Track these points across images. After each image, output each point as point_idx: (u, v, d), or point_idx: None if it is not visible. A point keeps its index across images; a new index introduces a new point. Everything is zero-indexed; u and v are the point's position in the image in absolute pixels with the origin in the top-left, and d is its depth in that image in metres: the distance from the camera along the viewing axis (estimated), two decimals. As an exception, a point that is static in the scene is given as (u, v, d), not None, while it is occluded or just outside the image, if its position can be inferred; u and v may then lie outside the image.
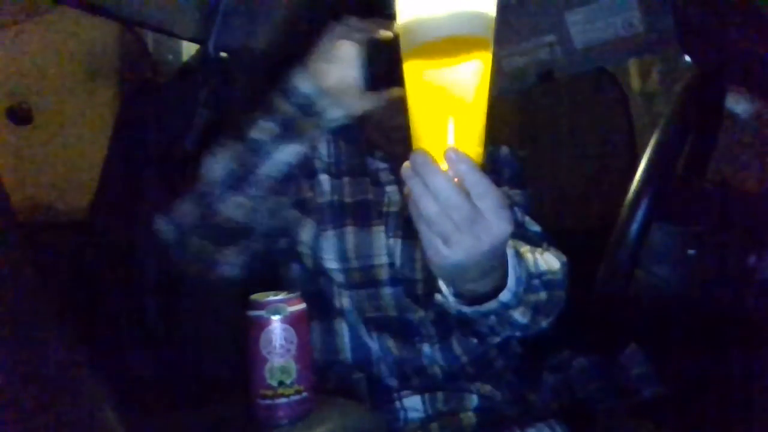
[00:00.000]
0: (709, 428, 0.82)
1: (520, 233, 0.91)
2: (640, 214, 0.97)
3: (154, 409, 0.71)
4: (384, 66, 0.72)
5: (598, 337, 1.03)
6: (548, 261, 0.85)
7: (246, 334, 0.69)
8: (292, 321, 0.69)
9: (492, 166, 1.02)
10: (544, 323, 0.83)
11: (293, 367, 0.69)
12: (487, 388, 0.86)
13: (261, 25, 1.23)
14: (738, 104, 1.01)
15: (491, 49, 0.59)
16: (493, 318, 0.73)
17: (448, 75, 0.56)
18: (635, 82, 2.15)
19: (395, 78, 0.62)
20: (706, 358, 0.90)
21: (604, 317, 1.05)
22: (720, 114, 1.02)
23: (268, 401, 0.68)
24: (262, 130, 0.78)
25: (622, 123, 1.55)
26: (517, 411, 0.85)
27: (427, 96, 0.58)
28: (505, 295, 0.69)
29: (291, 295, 0.71)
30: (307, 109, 0.77)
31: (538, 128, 1.57)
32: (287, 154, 0.78)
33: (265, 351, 0.68)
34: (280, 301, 0.69)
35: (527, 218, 0.97)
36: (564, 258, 0.91)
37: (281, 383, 0.69)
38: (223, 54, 1.23)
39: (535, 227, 0.97)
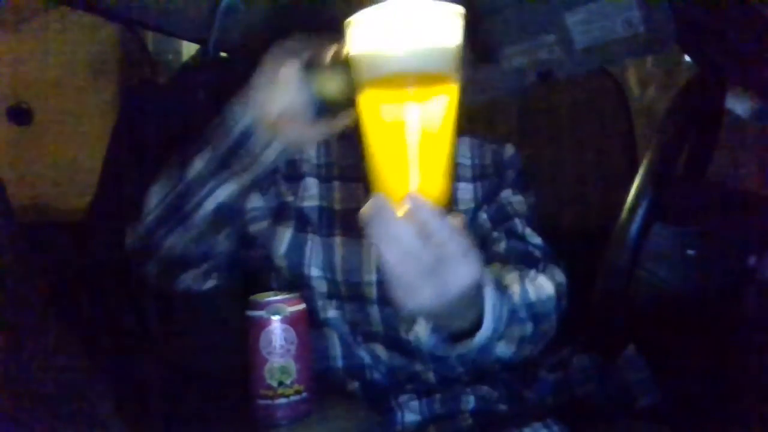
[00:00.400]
0: (709, 429, 0.82)
1: (518, 250, 0.89)
2: (640, 214, 0.97)
3: (154, 410, 0.72)
4: (336, 88, 0.66)
5: (598, 337, 1.03)
6: (540, 288, 0.81)
7: (246, 334, 0.69)
8: (292, 321, 0.69)
9: (495, 168, 0.98)
10: (531, 352, 0.82)
11: (293, 367, 0.69)
12: (484, 388, 0.86)
13: (261, 25, 1.23)
14: (738, 104, 1.01)
15: (458, 85, 0.56)
16: (472, 353, 0.71)
17: (409, 112, 0.53)
18: (634, 83, 2.15)
19: (351, 101, 0.58)
20: (706, 358, 0.90)
21: (603, 317, 1.05)
22: (720, 114, 1.02)
23: (267, 401, 0.69)
24: (197, 165, 0.74)
25: (622, 123, 1.55)
26: (513, 409, 0.85)
27: (385, 133, 0.55)
28: (480, 336, 0.67)
29: (291, 295, 0.71)
30: (245, 145, 0.72)
31: (538, 128, 1.57)
32: (221, 194, 0.74)
33: (265, 351, 0.68)
34: (280, 301, 0.69)
35: (528, 230, 0.92)
36: (562, 277, 0.87)
37: (281, 383, 0.69)
38: (223, 54, 1.23)
39: (536, 239, 0.92)
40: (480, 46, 0.95)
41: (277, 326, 0.68)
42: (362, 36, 0.54)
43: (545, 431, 0.77)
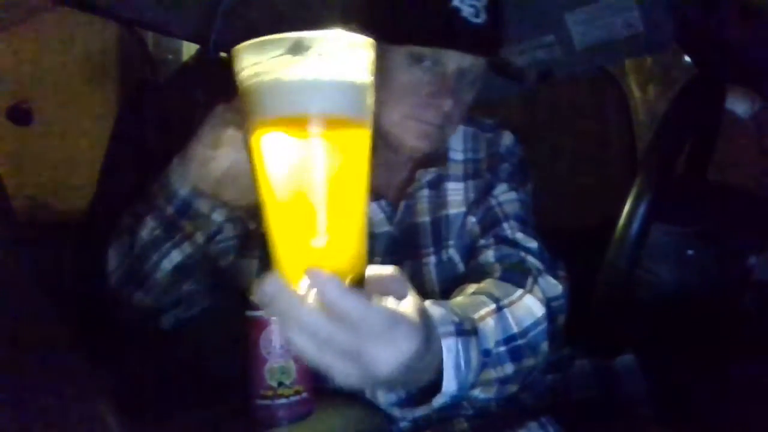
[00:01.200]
0: (708, 429, 0.82)
1: (508, 261, 0.81)
2: (640, 214, 0.97)
3: (154, 410, 0.71)
4: None
5: (599, 337, 1.03)
6: (525, 314, 0.73)
7: (246, 334, 0.69)
8: (292, 321, 0.69)
9: (490, 162, 0.92)
10: (514, 389, 0.73)
11: (293, 367, 0.69)
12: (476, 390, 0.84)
13: (261, 25, 1.23)
14: (738, 104, 1.01)
15: (370, 130, 0.47)
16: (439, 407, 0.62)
17: (310, 162, 0.44)
18: (634, 83, 2.15)
19: None
20: (706, 358, 0.90)
21: (603, 317, 1.05)
22: (720, 114, 1.02)
23: (267, 402, 0.68)
24: (149, 224, 0.74)
25: (622, 123, 1.55)
26: (509, 411, 0.84)
27: (280, 184, 0.45)
28: (442, 397, 0.59)
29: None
30: (189, 210, 0.72)
31: (538, 128, 1.57)
32: (176, 256, 0.74)
33: (265, 351, 0.68)
34: (280, 301, 0.69)
35: (519, 234, 0.85)
36: (557, 288, 0.81)
37: (281, 384, 0.69)
38: (223, 54, 1.23)
39: (531, 243, 0.84)
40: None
41: (277, 326, 0.68)
42: (258, 67, 0.44)
43: (541, 431, 0.77)
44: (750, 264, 0.89)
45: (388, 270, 0.50)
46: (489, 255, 0.83)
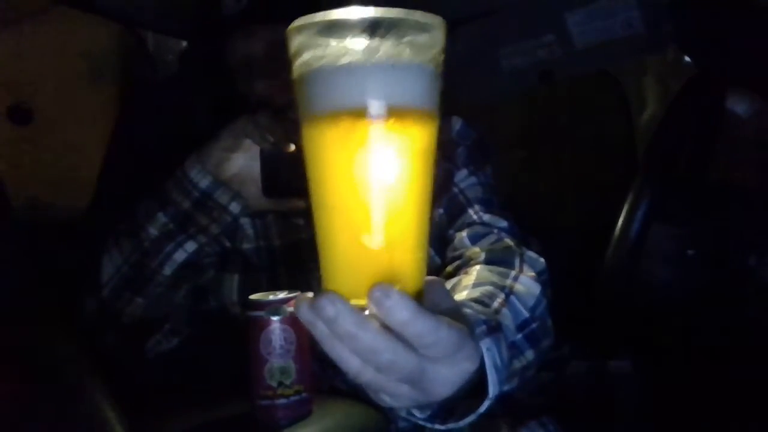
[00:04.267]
0: (709, 428, 0.82)
1: (489, 241, 0.79)
2: (640, 214, 0.97)
3: (154, 410, 0.71)
4: (282, 175, 0.69)
5: (598, 338, 1.03)
6: (527, 292, 0.70)
7: (245, 334, 0.69)
8: (292, 321, 0.69)
9: (444, 149, 0.86)
10: (532, 374, 0.68)
11: (293, 367, 0.69)
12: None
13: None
14: (738, 104, 1.01)
15: (438, 121, 0.41)
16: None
17: (379, 160, 0.38)
18: (635, 84, 2.15)
19: (293, 188, 0.54)
20: (706, 357, 0.90)
21: (603, 317, 1.05)
22: (720, 114, 1.02)
23: (267, 402, 0.68)
24: (160, 220, 0.75)
25: (622, 123, 1.55)
26: (504, 409, 0.84)
27: (342, 192, 0.39)
28: (485, 404, 0.53)
29: (291, 295, 0.71)
30: (204, 204, 0.74)
31: (538, 129, 1.57)
32: (181, 252, 0.75)
33: (265, 352, 0.68)
34: (280, 301, 0.69)
35: (486, 216, 0.82)
36: (541, 262, 0.77)
37: (281, 384, 0.69)
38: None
39: (501, 222, 0.81)
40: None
41: (276, 327, 0.68)
42: (324, 50, 0.38)
43: (541, 430, 0.77)
44: (750, 264, 0.89)
45: (430, 279, 0.46)
46: (463, 239, 0.81)
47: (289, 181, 0.70)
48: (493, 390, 0.52)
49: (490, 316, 0.60)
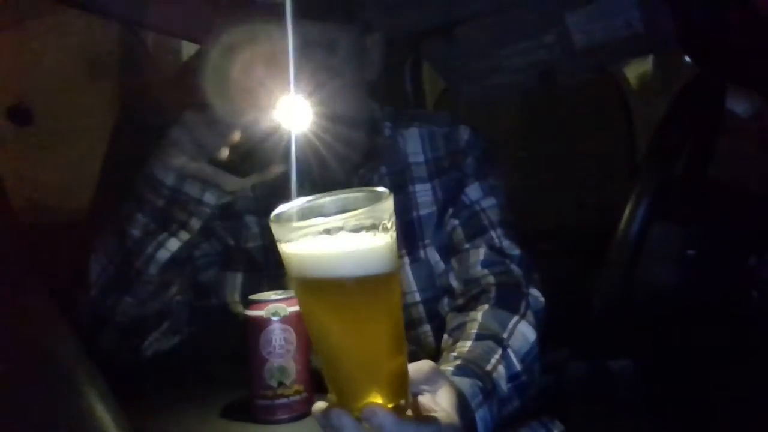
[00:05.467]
0: (711, 426, 0.82)
1: (497, 270, 0.84)
2: (640, 214, 0.97)
3: (154, 410, 0.71)
4: (237, 151, 0.71)
5: (598, 338, 1.03)
6: (523, 341, 0.77)
7: (245, 334, 0.69)
8: (292, 321, 0.69)
9: (452, 159, 0.90)
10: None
11: (292, 367, 0.69)
12: None
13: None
14: (738, 104, 1.01)
15: (399, 276, 0.54)
16: None
17: (350, 318, 0.50)
18: (634, 84, 2.15)
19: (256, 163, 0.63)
20: (706, 357, 0.90)
21: (603, 317, 1.05)
22: (720, 114, 1.02)
23: (267, 401, 0.68)
24: (140, 220, 0.75)
25: (622, 123, 1.55)
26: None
27: (325, 329, 0.51)
28: None
29: (290, 295, 0.71)
30: (177, 200, 0.74)
31: (538, 129, 1.57)
32: (164, 251, 0.75)
33: (265, 351, 0.68)
34: (280, 301, 0.69)
35: (506, 242, 0.86)
36: (540, 301, 0.83)
37: (281, 383, 0.69)
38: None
39: (515, 251, 0.86)
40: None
41: (276, 326, 0.68)
42: (295, 238, 0.49)
43: (542, 430, 0.77)
44: (750, 264, 0.89)
45: (425, 365, 0.57)
46: (477, 262, 0.85)
47: (244, 154, 0.72)
48: None
49: (485, 380, 0.68)
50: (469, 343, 0.74)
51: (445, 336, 0.80)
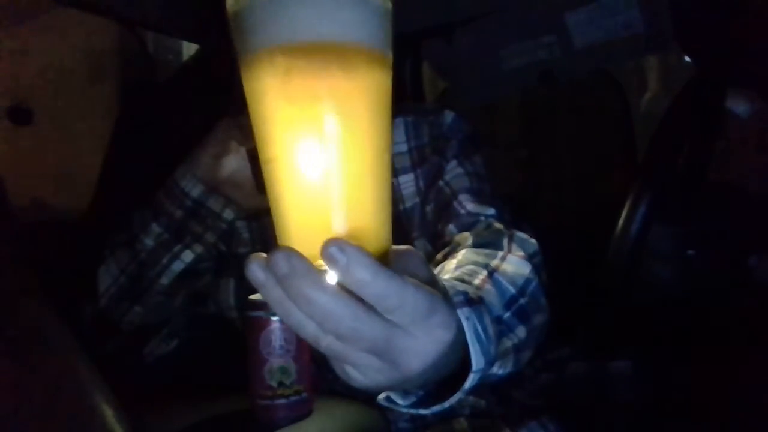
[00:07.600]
0: (708, 428, 0.82)
1: (474, 228, 0.75)
2: (640, 214, 0.97)
3: (153, 410, 0.71)
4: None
5: (598, 338, 1.03)
6: (514, 272, 0.63)
7: (245, 334, 0.69)
8: (292, 321, 0.69)
9: (435, 144, 0.85)
10: (528, 356, 0.62)
11: (293, 367, 0.69)
12: (470, 398, 0.83)
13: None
14: (738, 104, 1.01)
15: (391, 70, 0.37)
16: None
17: (321, 104, 0.34)
18: (635, 84, 2.15)
19: None
20: (706, 357, 0.90)
21: (603, 317, 1.05)
22: (720, 114, 1.02)
23: (267, 402, 0.68)
24: (155, 230, 0.75)
25: (622, 123, 1.55)
26: (504, 409, 0.84)
27: (284, 137, 0.35)
28: (470, 380, 0.47)
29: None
30: (197, 213, 0.74)
31: (538, 129, 1.57)
32: (179, 262, 0.75)
33: (265, 351, 0.68)
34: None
35: (471, 205, 0.78)
36: (534, 244, 0.72)
37: (281, 384, 0.68)
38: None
39: (489, 210, 0.78)
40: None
41: (276, 326, 0.68)
42: None
43: (541, 431, 0.77)
44: (750, 264, 0.89)
45: (403, 248, 0.42)
46: (451, 229, 0.78)
47: None
48: (477, 362, 0.46)
49: (469, 289, 0.52)
50: (447, 276, 0.60)
51: None
